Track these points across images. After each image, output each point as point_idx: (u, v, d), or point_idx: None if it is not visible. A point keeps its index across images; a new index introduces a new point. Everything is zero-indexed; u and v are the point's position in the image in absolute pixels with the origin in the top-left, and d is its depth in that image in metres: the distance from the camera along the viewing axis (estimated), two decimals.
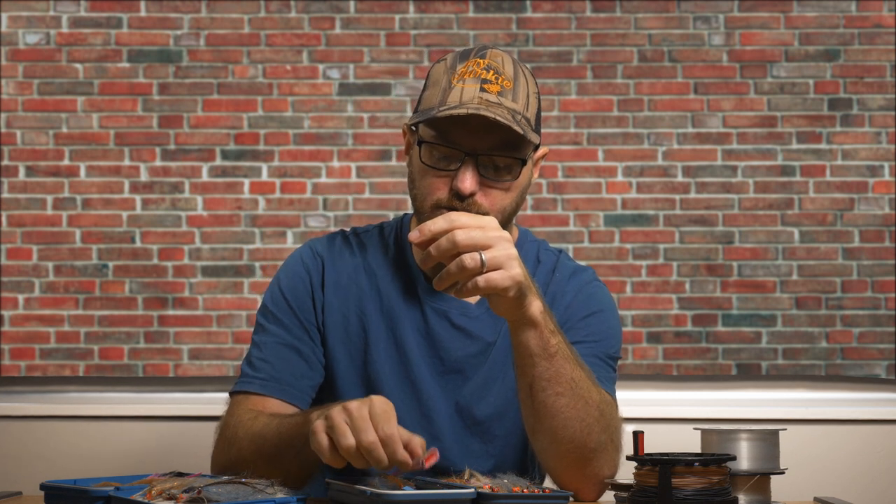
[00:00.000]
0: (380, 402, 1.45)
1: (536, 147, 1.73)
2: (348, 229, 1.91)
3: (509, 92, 1.67)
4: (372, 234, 1.88)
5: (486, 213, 1.64)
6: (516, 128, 1.62)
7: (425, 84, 1.74)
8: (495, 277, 1.49)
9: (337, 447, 1.44)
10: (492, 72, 1.68)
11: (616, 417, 1.70)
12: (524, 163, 1.69)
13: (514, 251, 1.51)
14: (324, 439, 1.45)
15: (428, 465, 1.46)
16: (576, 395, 1.60)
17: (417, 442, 1.44)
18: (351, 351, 1.80)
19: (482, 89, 1.66)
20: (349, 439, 1.42)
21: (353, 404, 1.44)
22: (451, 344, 1.79)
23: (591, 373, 1.66)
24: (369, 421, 1.43)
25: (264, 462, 1.60)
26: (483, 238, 1.48)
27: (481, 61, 1.69)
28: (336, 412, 1.44)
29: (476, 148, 1.66)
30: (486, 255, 1.48)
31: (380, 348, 1.79)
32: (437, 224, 1.49)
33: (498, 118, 1.61)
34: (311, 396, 1.79)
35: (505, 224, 1.69)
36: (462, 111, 1.62)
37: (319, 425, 1.46)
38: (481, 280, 1.48)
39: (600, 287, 1.88)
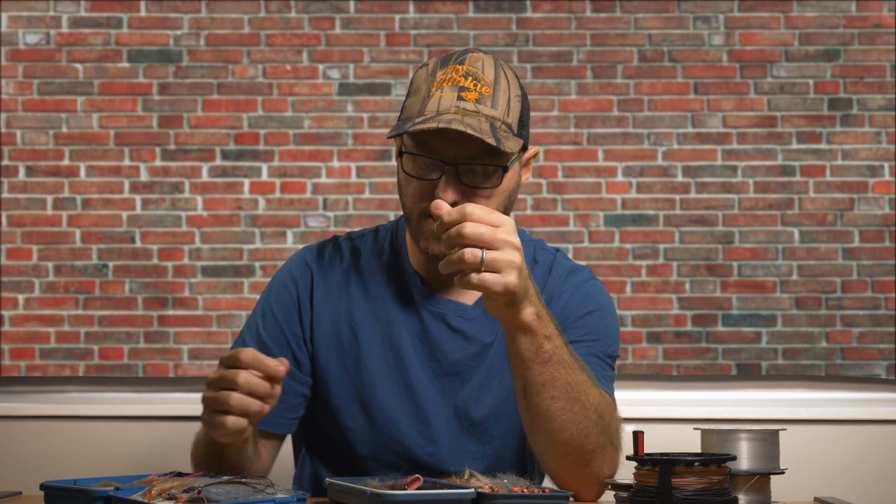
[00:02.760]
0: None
1: (525, 149, 1.73)
2: (343, 234, 1.91)
3: (488, 98, 1.66)
4: (367, 239, 1.88)
5: None
6: (489, 140, 1.60)
7: (408, 90, 1.73)
8: (488, 279, 1.48)
9: (214, 410, 1.52)
10: (470, 78, 1.66)
11: (615, 418, 1.70)
12: (506, 170, 1.68)
13: (517, 259, 1.49)
14: (204, 415, 1.55)
15: (411, 489, 1.46)
16: (572, 399, 1.59)
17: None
18: (344, 359, 1.80)
19: (459, 97, 1.65)
20: (212, 391, 1.54)
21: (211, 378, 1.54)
22: (448, 346, 1.79)
23: (591, 374, 1.65)
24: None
25: (211, 469, 1.65)
26: (490, 237, 1.47)
27: (460, 67, 1.68)
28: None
29: (456, 157, 1.65)
30: (487, 255, 1.47)
31: (374, 354, 1.79)
32: (451, 215, 1.49)
33: (469, 131, 1.59)
34: (288, 419, 1.81)
35: None
36: (433, 125, 1.61)
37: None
38: (475, 278, 1.48)
39: (597, 286, 1.87)
